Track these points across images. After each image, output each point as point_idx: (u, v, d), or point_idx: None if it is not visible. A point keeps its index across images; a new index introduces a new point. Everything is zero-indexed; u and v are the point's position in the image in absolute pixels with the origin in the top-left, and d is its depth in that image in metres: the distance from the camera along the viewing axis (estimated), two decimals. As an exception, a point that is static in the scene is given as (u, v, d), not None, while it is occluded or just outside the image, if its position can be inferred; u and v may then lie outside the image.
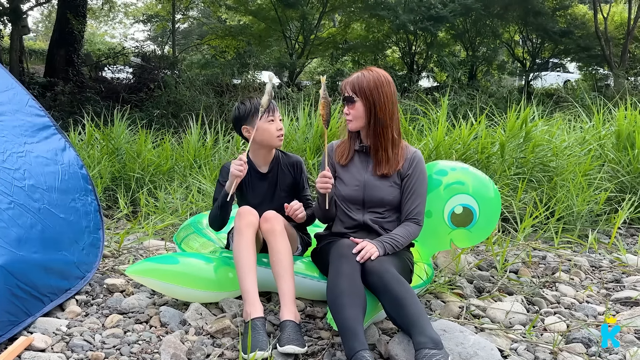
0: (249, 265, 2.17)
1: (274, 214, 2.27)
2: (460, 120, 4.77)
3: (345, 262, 2.06)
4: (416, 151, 2.39)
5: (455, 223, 2.54)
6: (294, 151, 4.55)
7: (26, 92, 2.89)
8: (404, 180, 2.34)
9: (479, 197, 2.53)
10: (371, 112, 2.28)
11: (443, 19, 13.32)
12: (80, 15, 12.73)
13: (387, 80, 2.30)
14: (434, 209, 2.53)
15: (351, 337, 1.86)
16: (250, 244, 2.21)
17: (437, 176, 2.57)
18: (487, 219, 2.56)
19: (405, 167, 2.34)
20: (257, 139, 2.43)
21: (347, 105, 2.31)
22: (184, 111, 9.03)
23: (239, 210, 2.29)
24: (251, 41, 14.69)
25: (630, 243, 3.84)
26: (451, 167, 2.64)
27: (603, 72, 15.94)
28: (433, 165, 2.65)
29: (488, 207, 2.55)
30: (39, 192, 2.40)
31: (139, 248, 3.32)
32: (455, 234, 2.58)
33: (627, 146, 4.57)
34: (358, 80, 2.28)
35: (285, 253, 2.20)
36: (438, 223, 2.55)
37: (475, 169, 2.68)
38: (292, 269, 2.20)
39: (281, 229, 2.24)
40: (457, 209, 2.53)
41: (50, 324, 2.17)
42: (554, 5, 14.89)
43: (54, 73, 12.25)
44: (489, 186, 2.60)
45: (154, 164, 4.83)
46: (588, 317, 2.47)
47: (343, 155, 2.41)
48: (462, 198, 2.53)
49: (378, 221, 2.35)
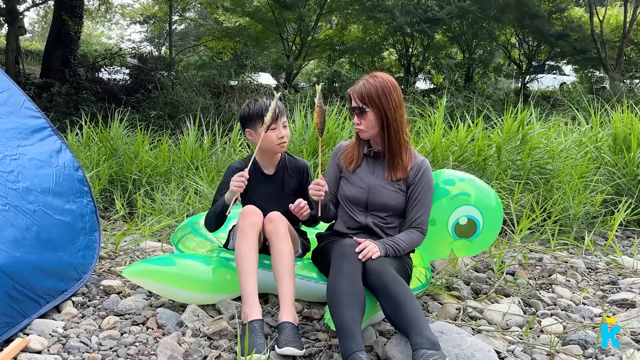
0: (251, 267, 2.17)
1: (278, 215, 2.27)
2: (458, 122, 4.78)
3: (346, 261, 2.06)
4: (424, 160, 2.38)
5: (458, 234, 2.54)
6: (291, 152, 4.54)
7: (22, 94, 2.88)
8: (410, 188, 2.34)
9: (483, 210, 2.53)
10: (383, 120, 2.27)
11: (440, 22, 13.34)
12: (76, 16, 12.69)
13: (393, 85, 2.28)
14: (438, 218, 2.53)
15: (348, 337, 1.86)
16: (253, 245, 2.20)
17: (444, 185, 2.57)
18: (489, 232, 2.57)
19: (412, 174, 2.33)
20: (260, 144, 2.44)
21: (357, 116, 2.29)
22: (181, 112, 9.02)
23: (244, 209, 2.28)
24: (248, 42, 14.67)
25: (626, 245, 3.85)
26: (459, 177, 2.63)
27: (599, 74, 16.00)
28: (439, 174, 2.64)
29: (491, 220, 2.56)
30: (33, 195, 2.40)
31: (135, 249, 3.31)
32: (457, 244, 2.58)
33: (623, 149, 4.59)
34: (366, 89, 2.25)
35: (287, 254, 2.19)
36: (441, 232, 2.56)
37: (482, 182, 2.68)
38: (293, 271, 2.20)
39: (285, 230, 2.24)
40: (461, 220, 2.53)
41: (47, 325, 2.16)
42: (550, 8, 14.93)
43: (51, 74, 12.20)
44: (493, 198, 2.60)
45: (151, 165, 4.82)
46: (584, 319, 2.48)
47: (352, 161, 2.40)
48: (468, 209, 2.52)
49: (380, 225, 2.35)
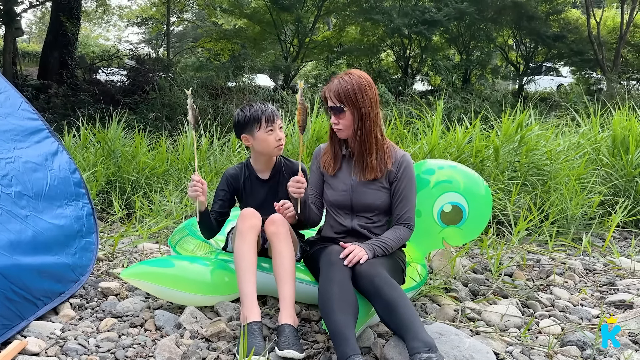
0: (250, 269, 2.17)
1: (280, 217, 2.27)
2: (455, 123, 4.78)
3: (335, 269, 2.05)
4: (405, 154, 2.35)
5: (445, 221, 2.55)
6: (290, 154, 4.55)
7: (19, 95, 2.88)
8: (393, 184, 2.32)
9: (467, 195, 2.53)
10: (358, 118, 2.23)
11: (437, 23, 13.36)
12: (74, 18, 12.68)
13: (368, 82, 2.25)
14: (423, 209, 2.54)
15: (342, 342, 1.85)
16: (252, 247, 2.20)
17: (424, 175, 2.58)
18: (477, 216, 2.56)
19: (394, 170, 2.31)
20: (256, 148, 2.44)
21: (334, 115, 2.25)
22: (178, 114, 9.01)
23: (243, 212, 2.28)
24: (246, 44, 14.67)
25: (623, 246, 3.86)
26: (439, 165, 2.65)
27: (596, 76, 16.05)
28: (421, 165, 2.66)
29: (478, 203, 2.56)
30: (25, 199, 2.40)
31: (133, 251, 3.31)
32: (447, 232, 2.59)
33: (621, 151, 4.60)
34: (342, 87, 2.21)
35: (288, 257, 2.19)
36: (428, 222, 2.56)
37: (464, 167, 2.69)
38: (294, 273, 2.20)
39: (286, 233, 2.24)
40: (446, 207, 2.54)
41: (44, 327, 2.15)
42: (547, 9, 14.96)
43: (48, 75, 12.18)
44: (479, 183, 2.60)
45: (148, 166, 4.81)
46: (582, 320, 2.48)
47: (330, 165, 2.37)
48: (451, 196, 2.53)
49: (366, 226, 2.34)
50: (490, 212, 2.64)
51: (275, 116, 2.41)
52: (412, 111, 5.83)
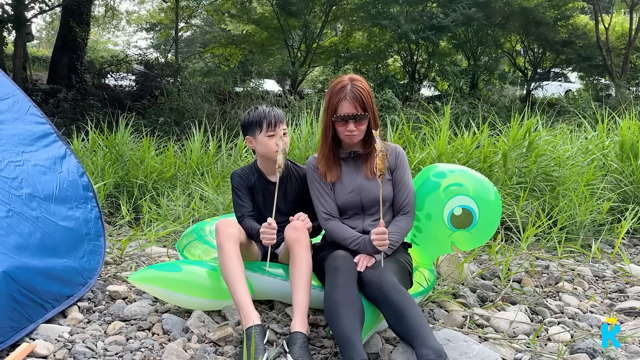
0: (237, 278, 2.17)
1: (302, 225, 2.27)
2: (463, 129, 4.77)
3: (340, 274, 2.06)
4: (397, 146, 2.45)
5: (455, 225, 2.54)
6: (297, 159, 4.55)
7: (28, 100, 2.91)
8: (393, 173, 2.39)
9: (477, 198, 2.53)
10: (372, 121, 2.32)
11: (445, 29, 13.34)
12: (83, 23, 12.80)
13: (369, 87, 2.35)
14: (433, 212, 2.53)
15: (349, 347, 1.85)
16: (234, 256, 2.20)
17: (435, 178, 2.58)
18: (487, 221, 2.55)
19: (392, 161, 2.39)
20: (258, 150, 2.48)
21: (355, 122, 2.27)
22: (186, 119, 9.06)
23: (217, 224, 2.29)
24: (254, 49, 14.74)
25: (633, 253, 3.83)
26: (449, 169, 2.65)
27: (604, 82, 15.96)
28: (431, 168, 2.66)
29: (488, 207, 2.55)
30: (36, 201, 2.41)
31: (141, 255, 3.31)
32: (456, 236, 2.57)
33: (630, 156, 4.57)
34: (362, 95, 2.26)
35: (306, 263, 2.20)
36: (438, 225, 2.55)
37: (474, 171, 2.69)
38: (309, 281, 2.20)
39: (307, 240, 2.24)
40: (456, 211, 2.52)
41: (53, 330, 2.16)
42: (555, 15, 14.91)
43: (57, 80, 12.29)
44: (488, 187, 2.60)
45: (156, 170, 4.83)
46: (592, 327, 2.46)
47: (331, 173, 2.37)
48: (461, 199, 2.52)
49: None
50: (499, 218, 2.62)
51: (279, 120, 2.41)
52: (420, 116, 5.82)
